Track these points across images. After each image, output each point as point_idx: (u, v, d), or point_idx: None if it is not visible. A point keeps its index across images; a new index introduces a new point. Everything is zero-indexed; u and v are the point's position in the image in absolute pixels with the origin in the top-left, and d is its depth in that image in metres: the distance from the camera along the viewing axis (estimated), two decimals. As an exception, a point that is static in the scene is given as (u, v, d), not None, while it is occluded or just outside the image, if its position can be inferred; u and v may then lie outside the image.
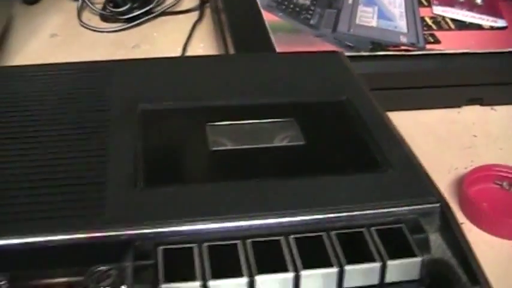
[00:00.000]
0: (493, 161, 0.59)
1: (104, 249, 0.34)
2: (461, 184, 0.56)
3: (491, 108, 0.71)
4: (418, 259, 0.34)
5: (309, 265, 0.32)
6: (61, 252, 0.33)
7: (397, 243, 0.35)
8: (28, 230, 0.34)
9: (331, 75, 0.51)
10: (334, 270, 0.32)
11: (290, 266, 0.32)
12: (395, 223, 0.36)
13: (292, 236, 0.34)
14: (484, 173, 0.58)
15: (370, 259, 0.33)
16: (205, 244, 0.33)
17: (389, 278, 0.34)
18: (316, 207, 0.36)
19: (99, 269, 0.33)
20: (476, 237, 0.52)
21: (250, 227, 0.35)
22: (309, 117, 0.45)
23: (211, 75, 0.50)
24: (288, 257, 0.33)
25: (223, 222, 0.34)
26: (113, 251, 0.34)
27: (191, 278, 0.32)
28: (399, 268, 0.34)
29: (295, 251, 0.33)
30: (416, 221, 0.37)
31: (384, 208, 0.36)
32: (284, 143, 0.42)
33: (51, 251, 0.33)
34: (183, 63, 0.53)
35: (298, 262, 0.33)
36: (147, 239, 0.34)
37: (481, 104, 0.71)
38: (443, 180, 0.58)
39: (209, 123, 0.43)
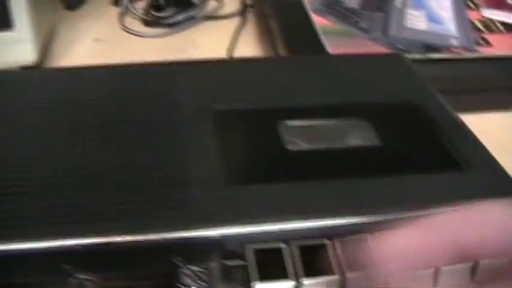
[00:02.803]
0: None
1: (191, 250, 0.33)
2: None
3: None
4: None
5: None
6: (147, 253, 0.33)
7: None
8: (114, 231, 0.33)
9: (397, 77, 0.51)
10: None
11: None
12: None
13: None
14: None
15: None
16: (296, 243, 0.33)
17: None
18: (402, 206, 0.35)
19: (186, 270, 0.32)
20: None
21: (337, 226, 0.34)
22: (381, 118, 0.45)
23: (275, 76, 0.50)
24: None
25: (312, 221, 0.34)
26: (200, 251, 0.33)
27: (284, 277, 0.31)
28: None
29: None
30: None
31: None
32: (360, 144, 0.42)
33: (137, 251, 0.33)
34: (246, 65, 0.53)
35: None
36: (235, 238, 0.33)
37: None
38: None
39: (282, 124, 0.43)
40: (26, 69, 0.70)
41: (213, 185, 0.37)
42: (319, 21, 0.72)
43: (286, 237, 0.33)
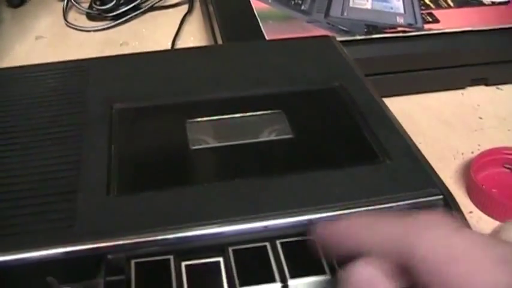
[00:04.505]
0: (501, 144, 0.55)
1: (72, 266, 0.30)
2: (469, 170, 0.52)
3: (497, 88, 0.68)
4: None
5: (297, 273, 0.29)
6: (26, 271, 0.30)
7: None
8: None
9: (323, 61, 0.48)
10: (326, 277, 0.29)
11: (277, 276, 0.29)
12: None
13: (279, 241, 0.31)
14: (492, 157, 0.54)
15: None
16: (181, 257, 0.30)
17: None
18: (306, 208, 0.33)
19: (66, 288, 0.29)
20: (486, 225, 0.49)
21: (233, 233, 0.31)
22: (299, 107, 0.42)
23: (194, 68, 0.47)
24: (274, 266, 0.30)
25: (203, 229, 0.31)
26: (82, 266, 0.30)
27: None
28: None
29: (282, 258, 0.30)
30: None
31: (382, 204, 0.33)
32: (271, 137, 0.39)
33: (15, 270, 0.30)
34: (164, 57, 0.50)
35: (286, 270, 0.29)
36: (119, 251, 0.30)
37: (486, 84, 0.67)
38: (449, 167, 0.55)
39: (189, 120, 0.40)
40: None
41: (100, 194, 0.34)
42: (258, 5, 0.69)
43: (174, 248, 0.31)
